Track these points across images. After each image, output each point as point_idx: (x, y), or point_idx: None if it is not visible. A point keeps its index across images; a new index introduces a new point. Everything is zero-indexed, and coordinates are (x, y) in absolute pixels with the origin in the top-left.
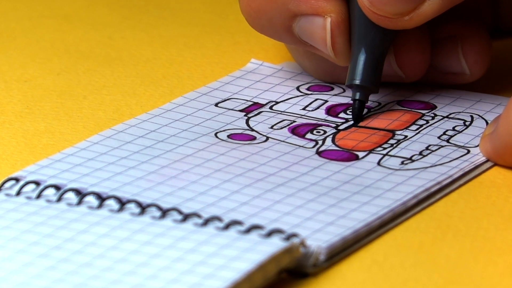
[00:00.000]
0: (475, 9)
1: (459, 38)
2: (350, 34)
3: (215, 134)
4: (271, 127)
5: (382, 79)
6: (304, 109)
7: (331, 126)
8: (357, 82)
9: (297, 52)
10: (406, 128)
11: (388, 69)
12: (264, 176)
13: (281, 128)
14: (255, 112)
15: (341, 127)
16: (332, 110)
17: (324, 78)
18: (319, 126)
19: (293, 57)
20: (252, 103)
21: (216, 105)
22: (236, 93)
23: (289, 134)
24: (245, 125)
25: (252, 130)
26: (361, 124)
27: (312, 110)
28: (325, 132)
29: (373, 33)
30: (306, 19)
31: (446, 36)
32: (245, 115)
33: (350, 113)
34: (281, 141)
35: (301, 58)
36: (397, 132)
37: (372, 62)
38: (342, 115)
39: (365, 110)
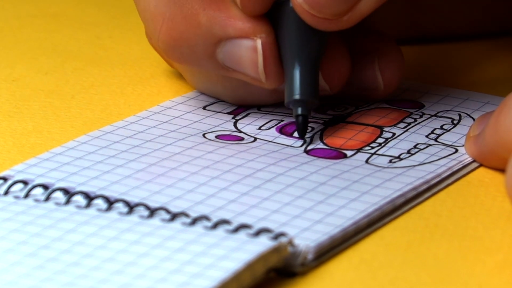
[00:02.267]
0: (386, 18)
1: (375, 53)
2: (279, 52)
3: (203, 135)
4: (259, 128)
5: None
6: None
7: (318, 122)
8: (297, 97)
9: (209, 79)
10: (394, 125)
11: None
12: (252, 171)
13: (269, 128)
14: (243, 114)
15: (328, 123)
16: (320, 107)
17: (240, 102)
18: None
19: (195, 85)
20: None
21: (204, 108)
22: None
23: (277, 134)
24: (233, 127)
25: (240, 132)
26: (349, 119)
27: None
28: (312, 128)
29: (305, 44)
30: (232, 44)
31: (362, 51)
32: (233, 118)
33: (338, 110)
34: (269, 141)
35: (213, 85)
36: (385, 129)
37: (308, 74)
38: (330, 111)
39: (353, 107)
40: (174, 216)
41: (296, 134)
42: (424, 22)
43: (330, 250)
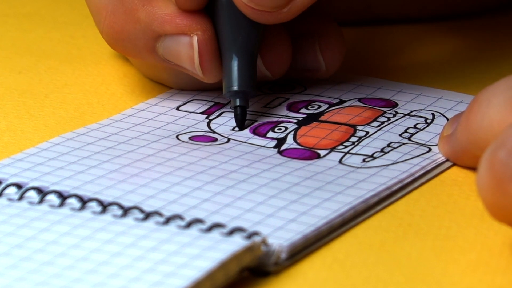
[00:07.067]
0: (326, 2)
1: (316, 35)
2: (219, 45)
3: (177, 137)
4: (233, 129)
5: None
6: (265, 106)
7: (292, 122)
8: (235, 88)
9: (154, 66)
10: (368, 124)
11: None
12: (225, 173)
13: None
14: (216, 113)
15: (302, 122)
16: (293, 106)
17: (183, 88)
18: (280, 123)
19: (142, 71)
20: (213, 103)
21: (178, 108)
22: (197, 94)
23: (251, 135)
24: (207, 127)
25: (214, 132)
26: (322, 118)
27: (273, 107)
28: (286, 128)
29: (242, 36)
30: (171, 39)
31: (303, 33)
32: (206, 118)
33: (311, 108)
34: (243, 142)
35: (158, 71)
36: (358, 128)
37: (245, 66)
38: (303, 110)
39: (326, 106)
40: (147, 215)
41: (269, 134)
42: (378, 5)
43: (303, 250)
